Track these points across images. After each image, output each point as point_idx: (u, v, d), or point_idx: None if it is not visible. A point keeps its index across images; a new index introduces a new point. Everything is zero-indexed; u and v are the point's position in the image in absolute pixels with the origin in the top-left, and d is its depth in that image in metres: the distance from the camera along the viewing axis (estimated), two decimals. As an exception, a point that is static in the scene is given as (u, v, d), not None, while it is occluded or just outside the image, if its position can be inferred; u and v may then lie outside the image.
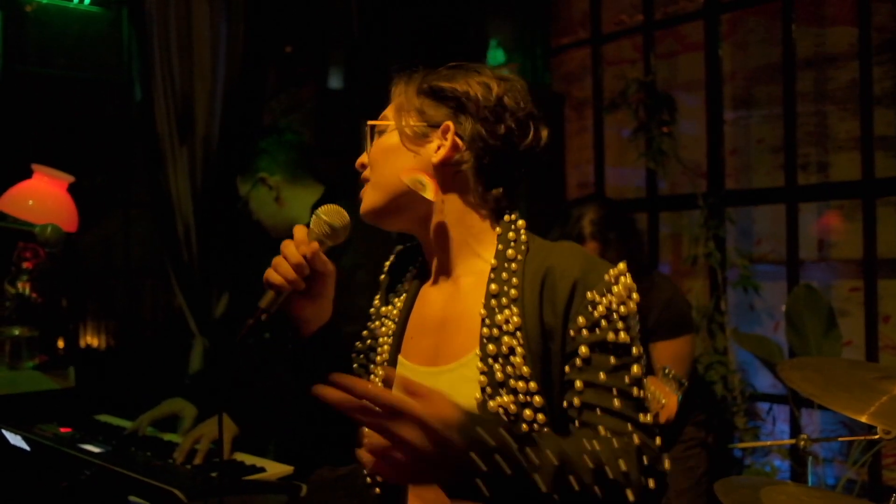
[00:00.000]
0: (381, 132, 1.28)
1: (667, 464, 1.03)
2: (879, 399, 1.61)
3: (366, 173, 1.29)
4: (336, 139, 3.67)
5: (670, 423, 2.16)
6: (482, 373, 1.12)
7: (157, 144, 2.95)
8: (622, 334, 1.08)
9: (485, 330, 1.14)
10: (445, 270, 1.26)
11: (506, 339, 1.12)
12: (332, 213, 1.21)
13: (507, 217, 1.23)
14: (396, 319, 1.30)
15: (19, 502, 1.63)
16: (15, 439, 1.65)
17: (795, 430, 3.01)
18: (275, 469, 1.61)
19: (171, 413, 1.91)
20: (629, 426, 1.03)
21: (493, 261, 1.19)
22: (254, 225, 2.34)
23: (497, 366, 1.12)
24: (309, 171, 2.32)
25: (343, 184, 3.54)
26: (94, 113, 3.18)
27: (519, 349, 1.11)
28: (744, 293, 3.18)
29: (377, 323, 1.35)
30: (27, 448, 1.63)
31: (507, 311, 1.13)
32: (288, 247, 1.18)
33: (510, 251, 1.19)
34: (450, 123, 1.21)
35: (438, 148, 1.22)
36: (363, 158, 1.29)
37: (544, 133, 1.24)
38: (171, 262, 2.98)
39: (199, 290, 3.00)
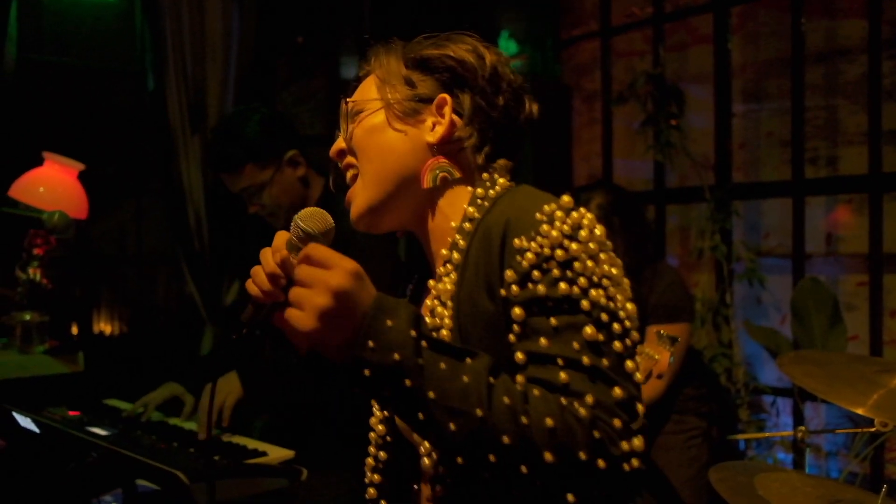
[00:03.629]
0: (359, 112, 1.10)
1: (632, 446, 0.84)
2: (878, 392, 1.63)
3: (348, 161, 1.12)
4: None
5: (663, 379, 2.12)
6: None
7: (169, 134, 3.00)
8: (562, 285, 0.88)
9: (428, 301, 1.02)
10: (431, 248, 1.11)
11: (439, 309, 0.99)
12: (309, 218, 1.01)
13: (485, 175, 1.08)
14: None
15: (29, 482, 1.67)
16: (25, 422, 1.70)
17: (799, 422, 3.01)
18: (276, 453, 1.65)
19: (172, 395, 1.96)
20: (581, 403, 0.84)
21: (453, 223, 1.06)
22: (258, 218, 2.14)
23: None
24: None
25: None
26: (107, 102, 3.22)
27: (447, 321, 0.98)
28: (750, 286, 3.18)
29: None
30: (37, 430, 1.67)
31: (446, 279, 1.00)
32: (265, 255, 1.00)
33: (471, 209, 1.04)
34: (446, 97, 1.08)
35: (434, 126, 1.07)
36: (340, 144, 1.12)
37: (535, 107, 1.13)
38: (182, 250, 3.03)
39: (210, 278, 3.05)
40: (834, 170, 3.08)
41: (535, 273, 0.90)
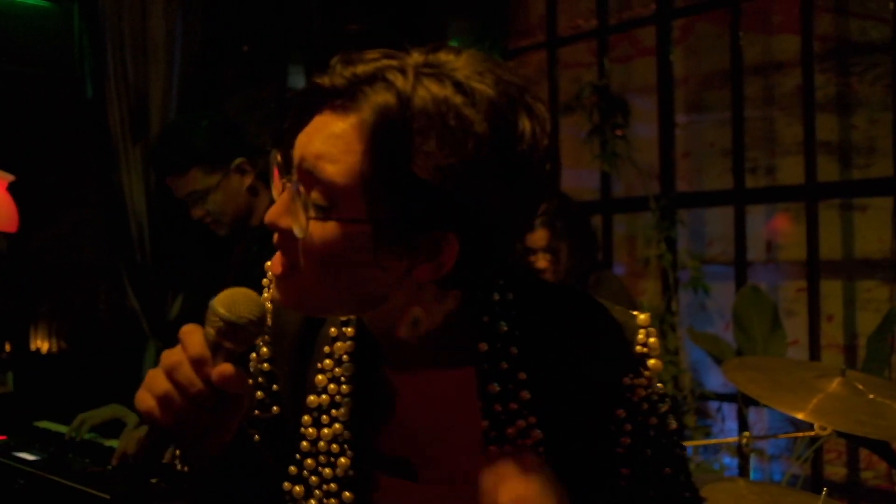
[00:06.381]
0: (318, 205, 0.75)
1: None
2: (817, 396, 1.66)
3: (282, 244, 0.79)
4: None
5: None
6: None
7: (109, 143, 2.93)
8: (672, 422, 0.90)
9: (493, 448, 0.84)
10: (411, 356, 0.88)
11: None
12: (239, 303, 0.74)
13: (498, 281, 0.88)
14: (344, 416, 0.87)
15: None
16: (-52, 447, 1.62)
17: (744, 428, 3.07)
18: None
19: (113, 417, 1.89)
20: None
21: (482, 345, 0.85)
22: (200, 226, 2.09)
23: None
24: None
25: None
26: (44, 110, 3.13)
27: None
28: (695, 294, 3.24)
29: (305, 418, 0.88)
30: (-39, 455, 1.61)
31: (520, 422, 0.85)
32: (180, 368, 0.72)
33: (502, 324, 0.85)
34: (454, 238, 0.74)
35: (422, 262, 0.76)
36: (276, 217, 0.80)
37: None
38: (124, 262, 2.96)
39: (152, 291, 2.99)
40: (772, 179, 3.16)
41: (645, 406, 0.88)
